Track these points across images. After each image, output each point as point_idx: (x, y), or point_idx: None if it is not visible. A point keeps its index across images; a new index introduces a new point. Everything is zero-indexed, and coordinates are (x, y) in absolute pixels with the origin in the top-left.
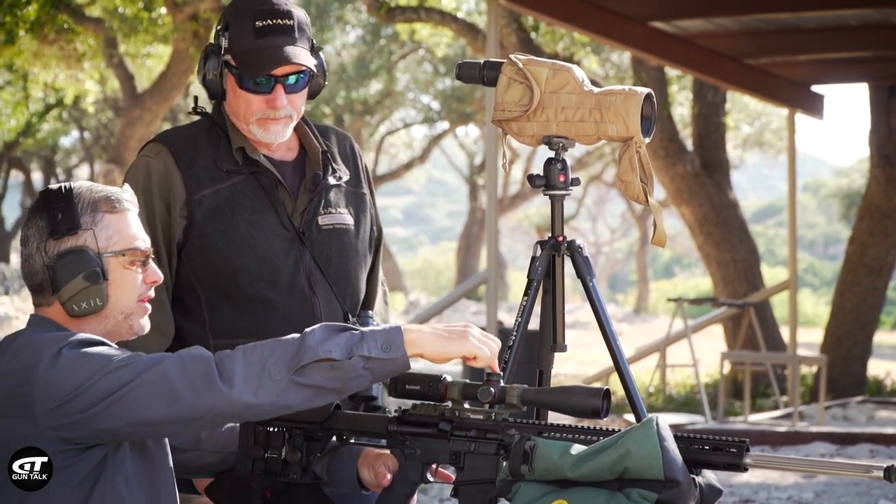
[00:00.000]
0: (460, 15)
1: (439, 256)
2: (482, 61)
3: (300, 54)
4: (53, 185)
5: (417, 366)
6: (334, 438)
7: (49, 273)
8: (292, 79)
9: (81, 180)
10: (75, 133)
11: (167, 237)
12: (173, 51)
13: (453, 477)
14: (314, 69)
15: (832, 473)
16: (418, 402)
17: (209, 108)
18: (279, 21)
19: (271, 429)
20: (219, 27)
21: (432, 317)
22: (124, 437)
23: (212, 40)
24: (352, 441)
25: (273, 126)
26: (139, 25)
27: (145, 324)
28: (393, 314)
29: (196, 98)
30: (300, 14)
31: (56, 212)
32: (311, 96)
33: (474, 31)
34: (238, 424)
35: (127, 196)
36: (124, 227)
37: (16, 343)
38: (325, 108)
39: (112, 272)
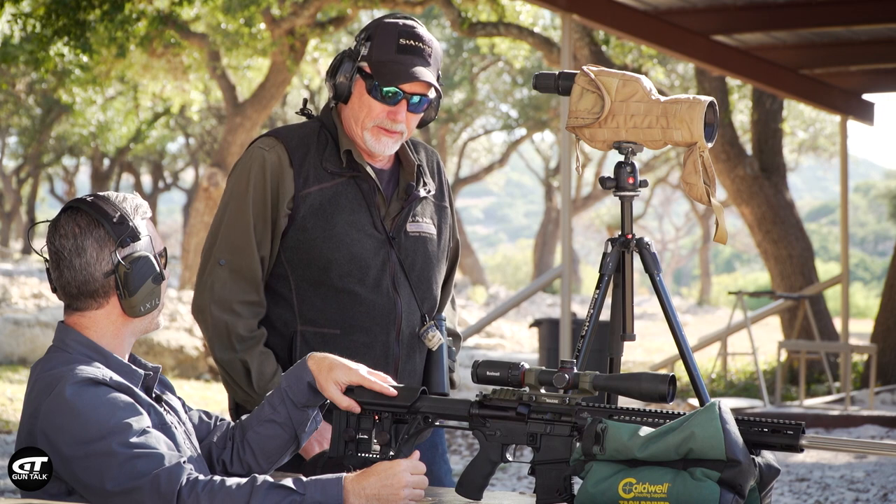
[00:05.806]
0: (537, 30)
1: (517, 253)
2: (557, 73)
3: (430, 78)
4: (88, 197)
5: (496, 354)
6: (420, 421)
7: (120, 279)
8: (416, 99)
9: (107, 192)
10: (181, 139)
11: (273, 227)
12: (271, 63)
13: None
14: (433, 97)
15: (882, 454)
16: (498, 387)
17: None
18: (420, 45)
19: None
20: (360, 37)
21: (511, 308)
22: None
23: (351, 47)
24: (436, 424)
25: (385, 138)
26: (240, 40)
27: (161, 320)
28: (474, 306)
29: (305, 101)
30: (437, 48)
31: (115, 222)
32: (422, 124)
33: (549, 44)
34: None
35: (146, 204)
36: (154, 230)
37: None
38: None
39: None
